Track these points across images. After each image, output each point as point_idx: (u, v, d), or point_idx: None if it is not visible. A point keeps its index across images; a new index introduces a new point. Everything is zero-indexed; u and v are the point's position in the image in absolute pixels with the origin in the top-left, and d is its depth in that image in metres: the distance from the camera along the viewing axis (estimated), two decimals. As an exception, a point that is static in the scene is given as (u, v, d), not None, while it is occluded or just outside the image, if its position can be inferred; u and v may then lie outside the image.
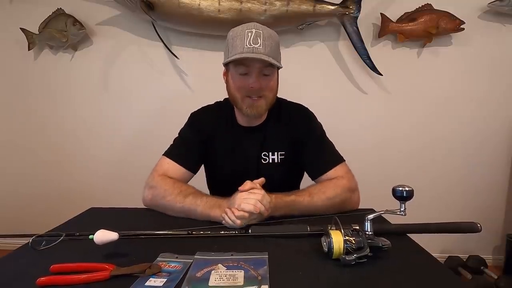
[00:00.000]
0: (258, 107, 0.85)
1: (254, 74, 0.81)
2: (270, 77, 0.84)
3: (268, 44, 0.79)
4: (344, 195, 0.83)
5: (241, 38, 0.79)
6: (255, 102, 0.84)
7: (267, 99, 0.85)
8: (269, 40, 0.79)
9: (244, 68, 0.81)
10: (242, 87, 0.83)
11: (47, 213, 1.70)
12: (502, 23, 1.68)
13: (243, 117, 0.92)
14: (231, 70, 0.85)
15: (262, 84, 0.82)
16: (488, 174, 1.79)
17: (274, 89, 0.87)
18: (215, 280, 0.49)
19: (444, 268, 0.57)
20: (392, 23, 1.66)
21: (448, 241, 1.81)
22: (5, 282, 0.51)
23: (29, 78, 1.83)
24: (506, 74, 1.71)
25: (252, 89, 0.82)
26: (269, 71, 0.83)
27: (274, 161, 0.93)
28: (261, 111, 0.86)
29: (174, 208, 0.80)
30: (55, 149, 1.88)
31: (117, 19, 1.77)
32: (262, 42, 0.78)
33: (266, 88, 0.84)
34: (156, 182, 0.86)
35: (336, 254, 0.55)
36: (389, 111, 1.77)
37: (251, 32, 0.78)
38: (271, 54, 0.79)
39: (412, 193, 0.58)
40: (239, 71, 0.82)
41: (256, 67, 0.80)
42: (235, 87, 0.85)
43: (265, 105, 0.86)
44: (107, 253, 0.58)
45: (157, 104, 1.82)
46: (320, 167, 0.90)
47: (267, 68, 0.82)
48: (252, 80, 0.81)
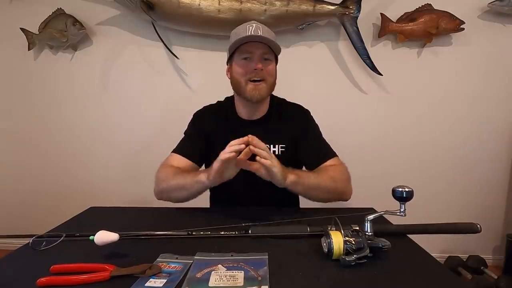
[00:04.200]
0: (261, 90, 0.91)
1: (256, 57, 0.89)
2: (270, 62, 0.92)
3: (267, 34, 0.88)
4: (344, 176, 0.91)
5: (243, 29, 0.89)
6: (257, 85, 0.91)
7: (268, 83, 0.92)
8: (268, 33, 0.90)
9: (247, 53, 0.89)
10: (246, 71, 0.90)
11: (47, 213, 1.70)
12: (502, 23, 1.68)
13: (244, 110, 0.99)
14: (235, 58, 0.92)
15: (264, 66, 0.90)
16: (488, 174, 1.79)
17: (274, 75, 0.95)
18: (215, 281, 0.49)
19: (444, 268, 0.57)
20: (392, 23, 1.66)
21: (448, 241, 1.80)
22: (5, 282, 0.51)
23: (29, 78, 1.83)
24: (506, 74, 1.71)
25: (255, 71, 0.89)
26: (269, 57, 0.91)
27: (275, 153, 0.97)
28: (263, 93, 0.92)
29: (171, 186, 0.87)
30: (55, 149, 1.88)
31: (117, 19, 1.77)
32: (262, 32, 0.87)
33: (267, 71, 0.91)
34: (159, 171, 0.93)
35: (336, 254, 0.55)
36: (389, 111, 1.77)
37: (251, 26, 0.89)
38: (271, 43, 0.89)
39: (412, 194, 0.58)
40: (242, 56, 0.90)
41: (258, 52, 0.89)
42: (239, 72, 0.92)
43: (266, 89, 0.92)
44: (107, 253, 0.58)
45: (157, 104, 1.82)
46: (318, 158, 0.97)
47: (267, 54, 0.90)
48: (255, 62, 0.89)
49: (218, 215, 0.82)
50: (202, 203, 1.05)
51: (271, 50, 0.91)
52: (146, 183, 1.02)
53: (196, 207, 0.90)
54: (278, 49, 0.93)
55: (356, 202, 0.91)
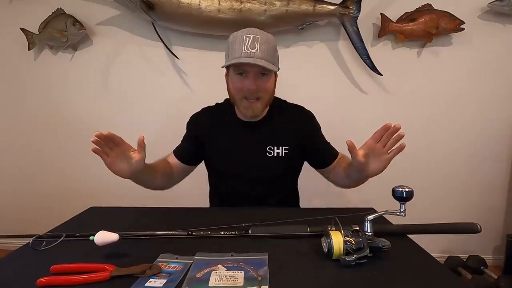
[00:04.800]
0: (255, 109, 0.91)
1: (250, 76, 0.86)
2: (267, 78, 0.89)
3: (265, 48, 0.84)
4: None
5: (240, 43, 0.84)
6: (251, 104, 0.90)
7: (263, 100, 0.91)
8: (266, 44, 0.85)
9: (242, 70, 0.87)
10: (240, 88, 0.89)
11: (47, 213, 1.70)
12: (502, 23, 1.68)
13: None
14: (231, 72, 0.91)
15: (259, 85, 0.87)
16: (488, 174, 1.79)
17: (270, 90, 0.93)
18: (215, 281, 0.49)
19: (444, 268, 0.57)
20: (392, 23, 1.66)
21: (448, 241, 1.81)
22: (5, 283, 0.51)
23: (29, 78, 1.82)
24: (506, 74, 1.71)
25: (248, 90, 0.87)
26: (267, 71, 0.88)
27: (278, 154, 0.98)
28: (257, 112, 0.92)
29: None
30: (55, 149, 1.87)
31: (117, 19, 1.76)
32: (259, 46, 0.83)
33: (262, 89, 0.89)
34: None
35: (336, 254, 0.55)
36: (389, 111, 1.77)
37: (248, 38, 0.84)
38: (267, 58, 0.84)
39: (412, 194, 0.58)
40: (237, 71, 0.88)
41: (253, 71, 0.86)
42: (233, 87, 0.91)
43: (261, 106, 0.91)
44: (107, 253, 0.58)
45: (156, 104, 1.82)
46: (329, 157, 1.01)
47: (264, 70, 0.86)
48: (249, 82, 0.86)
49: (218, 215, 0.82)
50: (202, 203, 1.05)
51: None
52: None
53: (196, 207, 0.90)
54: (276, 62, 0.89)
55: (356, 202, 0.92)
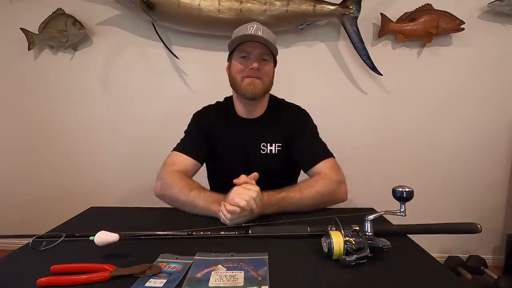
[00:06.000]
0: (256, 86, 0.93)
1: (253, 57, 0.92)
2: (267, 63, 0.94)
3: (267, 36, 0.90)
4: (332, 187, 0.88)
5: (244, 29, 0.92)
6: (253, 81, 0.92)
7: (264, 82, 0.94)
8: (268, 34, 0.92)
9: (246, 52, 0.92)
10: (242, 69, 0.93)
11: (47, 213, 1.70)
12: (502, 23, 1.68)
13: (243, 108, 1.00)
14: (234, 56, 0.95)
15: (260, 66, 0.92)
16: (488, 174, 1.79)
17: (270, 75, 0.96)
18: (215, 281, 0.49)
19: (444, 268, 0.57)
20: (392, 23, 1.66)
21: (448, 241, 1.80)
22: (5, 283, 0.51)
23: (29, 78, 1.82)
24: (506, 74, 1.71)
25: (251, 69, 0.91)
26: (267, 58, 0.94)
27: (271, 152, 0.99)
28: (259, 90, 0.93)
29: (179, 199, 0.85)
30: (55, 149, 1.87)
31: (117, 19, 1.76)
32: (262, 34, 0.90)
33: (263, 71, 0.93)
34: (166, 173, 0.91)
35: (336, 254, 0.55)
36: (389, 111, 1.77)
37: (252, 27, 0.92)
38: (269, 44, 0.90)
39: (412, 194, 0.58)
40: (240, 55, 0.93)
41: (256, 52, 0.91)
42: (236, 69, 0.94)
43: (261, 86, 0.94)
44: (107, 253, 0.58)
45: (156, 104, 1.82)
46: (310, 160, 0.96)
47: (265, 54, 0.93)
48: (252, 61, 0.91)
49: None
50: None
51: (270, 51, 0.93)
52: (146, 183, 1.02)
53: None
54: (275, 50, 0.95)
55: (356, 202, 0.92)
